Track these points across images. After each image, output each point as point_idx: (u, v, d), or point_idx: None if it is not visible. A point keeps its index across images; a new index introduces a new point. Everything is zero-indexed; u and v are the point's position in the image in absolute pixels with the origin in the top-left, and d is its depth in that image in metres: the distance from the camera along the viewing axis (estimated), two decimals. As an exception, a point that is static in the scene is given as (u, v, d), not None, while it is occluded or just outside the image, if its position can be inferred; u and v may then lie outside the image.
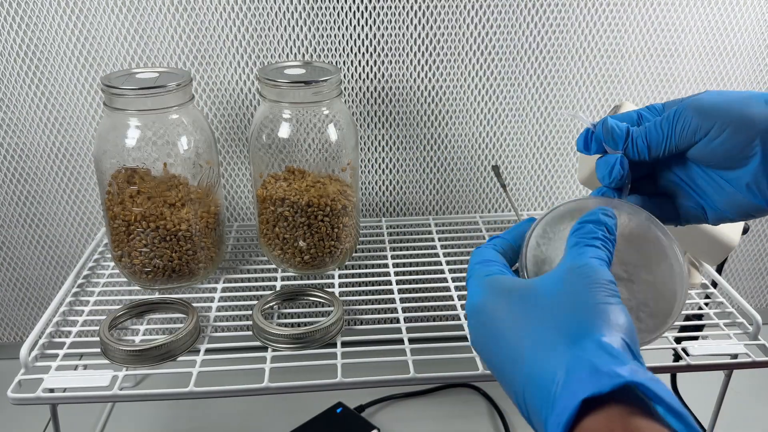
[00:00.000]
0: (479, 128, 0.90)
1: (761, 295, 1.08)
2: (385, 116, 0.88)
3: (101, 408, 0.87)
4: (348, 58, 0.84)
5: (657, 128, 0.43)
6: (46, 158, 0.87)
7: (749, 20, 0.87)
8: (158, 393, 0.60)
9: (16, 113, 0.84)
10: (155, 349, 0.61)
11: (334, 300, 0.70)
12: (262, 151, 0.73)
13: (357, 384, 0.60)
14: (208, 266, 0.74)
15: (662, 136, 0.43)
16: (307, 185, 0.72)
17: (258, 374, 0.61)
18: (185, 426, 0.87)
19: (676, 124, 0.42)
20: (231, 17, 0.81)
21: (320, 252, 0.74)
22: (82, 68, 0.82)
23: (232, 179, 0.90)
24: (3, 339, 0.99)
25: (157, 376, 0.93)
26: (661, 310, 0.39)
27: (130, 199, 0.69)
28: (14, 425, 0.87)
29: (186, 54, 0.82)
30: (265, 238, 0.75)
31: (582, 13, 0.84)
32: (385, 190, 0.93)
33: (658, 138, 0.43)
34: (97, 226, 0.91)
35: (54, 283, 0.95)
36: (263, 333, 0.65)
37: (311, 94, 0.69)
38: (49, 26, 0.80)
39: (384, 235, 0.87)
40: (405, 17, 0.83)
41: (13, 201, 0.89)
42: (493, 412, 0.89)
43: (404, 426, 0.87)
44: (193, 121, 0.70)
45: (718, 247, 0.65)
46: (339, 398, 0.86)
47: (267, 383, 0.60)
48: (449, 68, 0.86)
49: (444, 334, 0.67)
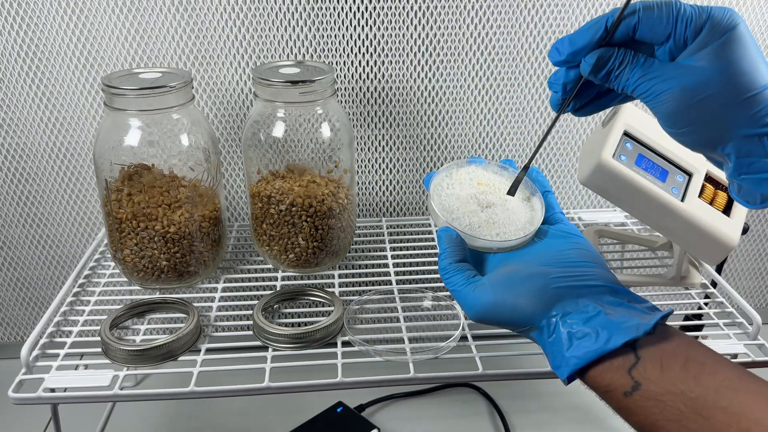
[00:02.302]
0: (479, 128, 0.90)
1: (761, 295, 1.08)
2: (385, 116, 0.88)
3: (102, 408, 0.87)
4: (348, 59, 0.84)
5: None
6: (46, 158, 0.87)
7: (749, 20, 0.87)
8: (159, 393, 0.60)
9: (17, 113, 0.84)
10: (156, 348, 0.61)
11: (334, 300, 0.70)
12: (252, 149, 0.73)
13: (357, 384, 0.60)
14: (209, 266, 0.75)
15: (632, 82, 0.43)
16: (300, 185, 0.72)
17: (258, 374, 0.61)
18: (185, 426, 0.88)
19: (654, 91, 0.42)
20: (231, 17, 0.81)
21: (304, 252, 0.74)
22: (83, 68, 0.82)
23: (232, 179, 0.90)
24: (3, 339, 0.99)
25: (157, 376, 0.93)
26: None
27: (129, 199, 0.69)
28: (15, 425, 0.87)
29: (186, 54, 0.83)
30: (256, 235, 0.76)
31: (582, 13, 0.85)
32: (384, 190, 0.93)
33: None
34: (98, 226, 0.92)
35: (54, 283, 0.95)
36: (263, 333, 0.65)
37: (305, 94, 0.69)
38: (50, 26, 0.80)
39: (384, 235, 0.87)
40: (405, 17, 0.83)
41: (14, 201, 0.89)
42: (493, 412, 0.89)
43: (404, 426, 0.87)
44: (193, 121, 0.70)
45: (718, 247, 0.65)
46: (339, 398, 0.86)
47: (267, 383, 0.60)
48: (449, 68, 0.86)
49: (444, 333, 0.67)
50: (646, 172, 0.64)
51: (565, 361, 0.43)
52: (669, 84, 0.41)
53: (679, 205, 0.64)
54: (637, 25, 0.41)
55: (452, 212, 0.53)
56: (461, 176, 0.57)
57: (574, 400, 0.90)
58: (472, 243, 0.52)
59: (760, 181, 0.41)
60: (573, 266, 0.47)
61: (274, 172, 0.74)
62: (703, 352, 0.41)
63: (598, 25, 0.42)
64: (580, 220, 0.91)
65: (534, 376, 0.61)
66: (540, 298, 0.45)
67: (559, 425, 0.88)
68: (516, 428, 0.86)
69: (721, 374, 0.39)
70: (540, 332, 0.45)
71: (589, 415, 0.89)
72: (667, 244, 0.80)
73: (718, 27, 0.40)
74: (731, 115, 0.40)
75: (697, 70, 0.40)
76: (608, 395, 0.43)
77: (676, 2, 0.41)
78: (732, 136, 0.40)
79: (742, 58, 0.39)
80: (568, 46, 0.43)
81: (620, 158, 0.64)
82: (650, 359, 0.41)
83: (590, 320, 0.43)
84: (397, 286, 0.74)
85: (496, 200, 0.55)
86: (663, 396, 0.40)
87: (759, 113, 0.39)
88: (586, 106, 0.47)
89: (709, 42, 0.40)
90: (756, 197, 0.42)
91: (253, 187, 0.74)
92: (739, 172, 0.42)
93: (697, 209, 0.64)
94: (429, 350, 0.63)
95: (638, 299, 0.46)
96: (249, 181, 0.75)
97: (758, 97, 0.39)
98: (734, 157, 0.41)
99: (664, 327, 0.43)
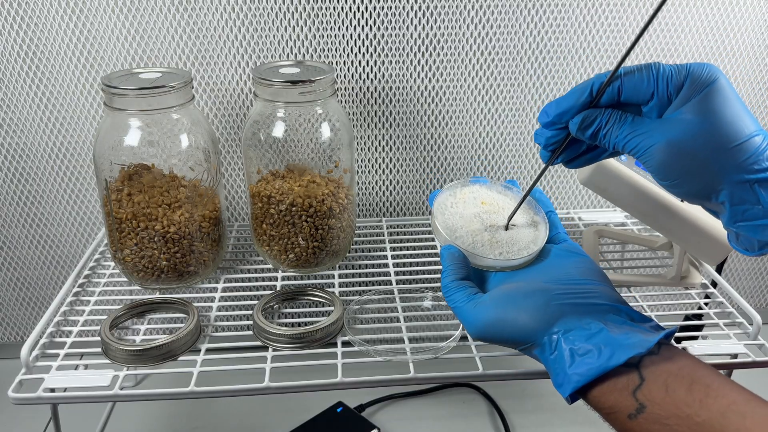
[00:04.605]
0: (479, 128, 0.90)
1: (761, 295, 1.08)
2: (385, 116, 0.88)
3: (102, 408, 0.87)
4: (348, 59, 0.84)
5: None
6: (46, 158, 0.87)
7: (749, 20, 0.87)
8: (159, 393, 0.60)
9: (17, 113, 0.84)
10: (156, 348, 0.61)
11: (334, 300, 0.70)
12: (252, 149, 0.73)
13: (357, 384, 0.60)
14: (209, 266, 0.75)
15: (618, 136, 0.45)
16: (300, 185, 0.72)
17: (258, 374, 0.61)
18: (185, 426, 0.88)
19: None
20: (231, 17, 0.81)
21: (304, 252, 0.74)
22: (83, 68, 0.82)
23: (232, 179, 0.90)
24: (3, 339, 0.99)
25: (157, 376, 0.93)
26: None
27: (129, 199, 0.69)
28: (15, 425, 0.87)
29: (186, 54, 0.83)
30: (256, 235, 0.76)
31: (582, 13, 0.85)
32: (384, 190, 0.93)
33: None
34: (97, 226, 0.92)
35: (54, 283, 0.95)
36: (264, 333, 0.65)
37: (305, 94, 0.69)
38: (50, 26, 0.80)
39: (384, 235, 0.87)
40: (405, 17, 0.83)
41: (14, 201, 0.89)
42: (493, 412, 0.89)
43: (404, 426, 0.87)
44: (193, 121, 0.70)
45: (718, 247, 0.65)
46: (339, 398, 0.86)
47: (267, 383, 0.60)
48: (449, 68, 0.86)
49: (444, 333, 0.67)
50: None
51: (567, 379, 0.43)
52: (656, 138, 0.42)
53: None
54: (621, 87, 0.44)
55: (455, 231, 0.53)
56: (465, 195, 0.57)
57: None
58: (476, 262, 0.52)
59: (756, 228, 0.42)
60: (576, 284, 0.47)
61: (274, 172, 0.74)
62: (708, 373, 0.41)
63: (583, 90, 0.45)
64: (580, 220, 0.91)
65: (534, 376, 0.61)
66: (542, 315, 0.45)
67: (559, 425, 0.88)
68: (516, 428, 0.86)
69: (727, 397, 0.39)
70: (542, 349, 0.45)
71: (589, 416, 0.88)
72: (667, 244, 0.80)
73: (698, 81, 0.42)
74: (720, 164, 0.41)
75: (681, 122, 0.42)
76: (612, 417, 0.42)
77: (655, 64, 0.43)
78: (723, 184, 0.41)
79: (724, 109, 0.41)
80: (554, 108, 0.46)
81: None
82: (655, 381, 0.41)
83: (593, 337, 0.43)
84: (397, 286, 0.74)
85: (500, 220, 0.55)
86: (668, 419, 0.39)
87: (747, 161, 0.41)
88: (575, 160, 0.49)
89: (691, 96, 0.42)
90: (754, 244, 0.43)
91: (253, 187, 0.74)
92: (734, 220, 0.42)
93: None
94: (429, 350, 0.63)
95: (642, 318, 0.46)
96: (249, 181, 0.75)
97: (745, 145, 0.41)
98: (728, 205, 0.42)
99: (669, 346, 0.43)
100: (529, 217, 0.56)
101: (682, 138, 0.41)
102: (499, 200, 0.57)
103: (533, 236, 0.54)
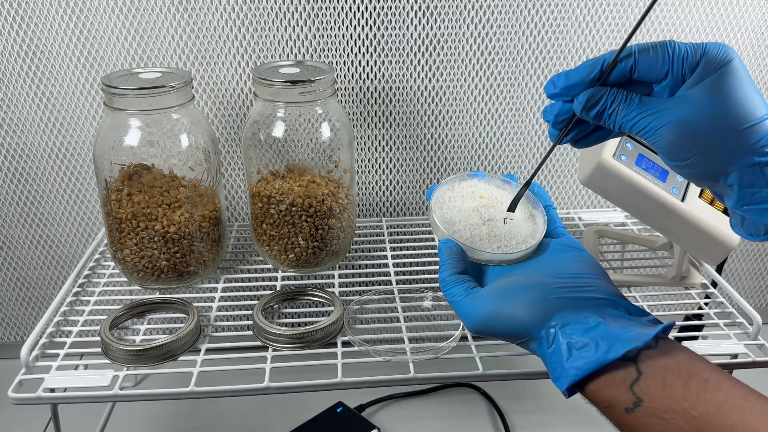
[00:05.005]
0: (479, 128, 0.90)
1: (761, 295, 1.08)
2: (385, 116, 0.88)
3: (102, 408, 0.87)
4: (348, 59, 0.84)
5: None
6: (46, 158, 0.87)
7: (749, 20, 0.87)
8: (159, 393, 0.60)
9: (17, 113, 0.84)
10: (156, 348, 0.61)
11: (334, 300, 0.70)
12: (252, 149, 0.73)
13: (357, 384, 0.60)
14: (209, 266, 0.75)
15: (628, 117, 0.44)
16: (300, 185, 0.72)
17: (258, 374, 0.61)
18: (185, 426, 0.88)
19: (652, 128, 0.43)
20: (231, 17, 0.81)
21: (304, 252, 0.74)
22: (83, 68, 0.82)
23: (232, 179, 0.90)
24: (3, 339, 0.99)
25: (157, 376, 0.93)
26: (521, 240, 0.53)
27: (129, 199, 0.69)
28: (15, 425, 0.87)
29: (186, 54, 0.83)
30: (256, 235, 0.76)
31: (582, 13, 0.85)
32: (384, 190, 0.93)
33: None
34: (97, 226, 0.92)
35: (54, 283, 0.95)
36: (263, 333, 0.65)
37: (305, 94, 0.69)
38: (49, 26, 0.80)
39: (384, 235, 0.87)
40: (405, 17, 0.83)
41: (14, 201, 0.89)
42: (493, 412, 0.89)
43: (404, 426, 0.87)
44: (193, 121, 0.70)
45: (718, 247, 0.65)
46: (339, 398, 0.86)
47: (267, 383, 0.60)
48: (449, 68, 0.86)
49: (444, 333, 0.67)
50: (647, 172, 0.64)
51: (565, 372, 0.43)
52: (666, 118, 0.42)
53: (680, 205, 0.64)
54: (634, 66, 0.43)
55: (454, 225, 0.53)
56: (463, 189, 0.57)
57: (574, 400, 0.90)
58: (474, 256, 0.52)
59: (763, 211, 0.42)
60: (573, 278, 0.47)
61: (274, 172, 0.74)
62: (705, 367, 0.41)
63: (594, 65, 0.44)
64: (580, 220, 0.91)
65: (534, 376, 0.61)
66: (539, 308, 0.45)
67: (559, 425, 0.88)
68: (516, 428, 0.86)
69: (724, 392, 0.39)
70: (539, 343, 0.45)
71: (589, 416, 0.88)
72: (667, 244, 0.80)
73: (713, 62, 0.41)
74: (730, 146, 0.41)
75: (692, 101, 0.41)
76: (609, 411, 0.43)
77: (670, 42, 0.42)
78: (733, 166, 0.41)
79: (737, 90, 0.40)
80: (563, 80, 0.45)
81: (620, 158, 0.64)
82: (652, 375, 0.41)
83: (590, 331, 0.43)
84: (397, 286, 0.74)
85: (498, 214, 0.55)
86: (665, 413, 0.39)
87: (758, 143, 0.40)
88: (584, 139, 0.48)
89: (704, 76, 0.41)
90: (759, 229, 0.43)
91: (253, 187, 0.74)
92: (742, 203, 0.42)
93: (697, 209, 0.64)
94: (429, 350, 0.63)
95: (640, 312, 0.46)
96: (249, 181, 0.75)
97: (757, 127, 0.40)
98: (737, 188, 0.42)
99: (666, 341, 0.43)
100: (528, 211, 0.56)
101: (692, 118, 0.41)
102: (497, 194, 0.57)
103: (531, 230, 0.54)
